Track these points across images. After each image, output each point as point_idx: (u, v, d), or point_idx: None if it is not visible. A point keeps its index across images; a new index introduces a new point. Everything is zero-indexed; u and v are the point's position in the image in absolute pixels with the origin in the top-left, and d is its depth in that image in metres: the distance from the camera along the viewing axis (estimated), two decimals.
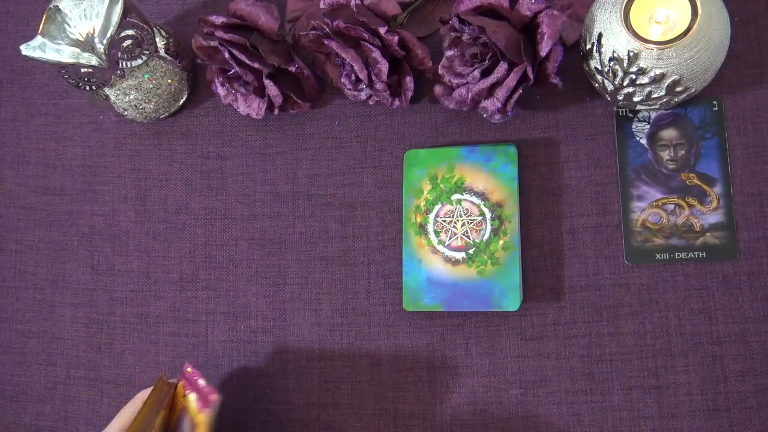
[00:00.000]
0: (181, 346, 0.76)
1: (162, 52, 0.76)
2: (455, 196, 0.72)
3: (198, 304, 0.77)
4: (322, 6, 0.72)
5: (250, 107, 0.75)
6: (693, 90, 0.65)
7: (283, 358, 0.74)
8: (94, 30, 0.70)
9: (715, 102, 0.71)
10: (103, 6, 0.70)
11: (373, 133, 0.77)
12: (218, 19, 0.73)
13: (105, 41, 0.70)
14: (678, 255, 0.69)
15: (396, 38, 0.70)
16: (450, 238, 0.72)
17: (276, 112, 0.76)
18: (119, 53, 0.72)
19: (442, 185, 0.73)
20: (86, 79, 0.73)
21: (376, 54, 0.70)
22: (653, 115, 0.71)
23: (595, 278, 0.70)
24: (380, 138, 0.77)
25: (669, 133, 0.71)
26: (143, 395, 0.67)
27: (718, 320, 0.68)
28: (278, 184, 0.78)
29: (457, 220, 0.72)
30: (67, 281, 0.80)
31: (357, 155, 0.77)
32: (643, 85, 0.64)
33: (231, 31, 0.73)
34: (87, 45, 0.70)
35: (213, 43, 0.72)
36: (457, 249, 0.71)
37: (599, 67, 0.65)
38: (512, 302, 0.69)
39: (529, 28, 0.68)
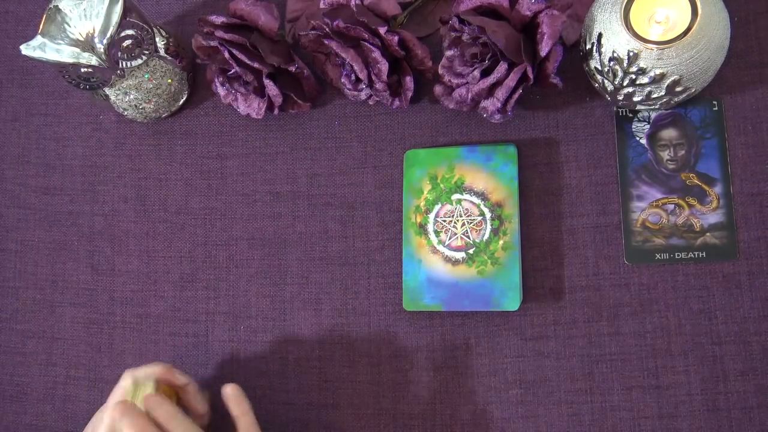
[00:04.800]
0: (181, 346, 0.76)
1: (162, 52, 0.76)
2: (455, 196, 0.72)
3: (198, 304, 0.77)
4: (322, 6, 0.72)
5: (250, 107, 0.75)
6: (693, 90, 0.65)
7: (283, 358, 0.74)
8: (94, 30, 0.70)
9: (715, 102, 0.71)
10: (103, 6, 0.70)
11: (373, 133, 0.77)
12: (218, 19, 0.73)
13: (105, 41, 0.70)
14: (678, 255, 0.69)
15: (396, 38, 0.70)
16: (450, 238, 0.72)
17: (276, 112, 0.76)
18: (119, 53, 0.72)
19: (442, 185, 0.73)
20: (86, 79, 0.73)
21: (376, 54, 0.70)
22: (653, 115, 0.71)
23: (595, 278, 0.70)
24: (380, 138, 0.77)
25: (669, 133, 0.71)
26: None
27: (718, 320, 0.68)
28: (278, 184, 0.78)
29: (457, 220, 0.72)
30: (67, 281, 0.80)
31: (357, 155, 0.77)
32: (643, 85, 0.64)
33: (231, 31, 0.73)
34: (87, 45, 0.70)
35: (213, 43, 0.72)
36: (457, 249, 0.71)
37: (599, 67, 0.65)
38: (512, 302, 0.69)
39: (529, 28, 0.68)
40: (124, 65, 0.73)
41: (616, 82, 0.65)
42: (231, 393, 0.66)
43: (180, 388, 0.67)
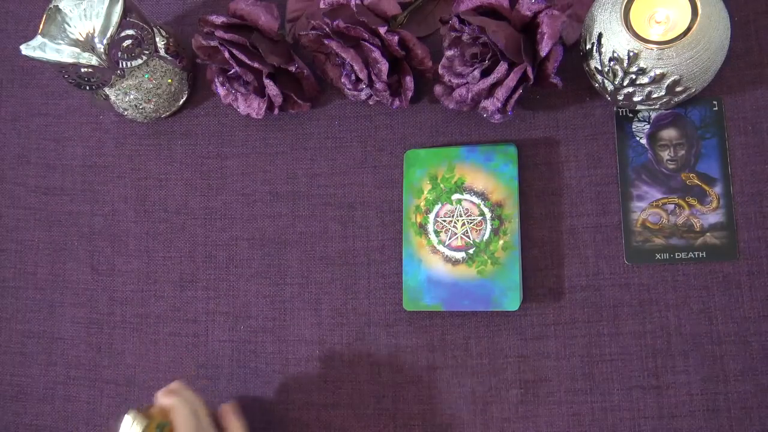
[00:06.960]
0: (181, 346, 0.76)
1: (162, 52, 0.76)
2: (455, 196, 0.72)
3: (198, 304, 0.77)
4: (322, 6, 0.72)
5: (250, 107, 0.75)
6: (693, 90, 0.65)
7: (283, 358, 0.74)
8: (94, 30, 0.70)
9: (715, 102, 0.71)
10: (103, 6, 0.70)
11: (373, 133, 0.77)
12: (218, 19, 0.73)
13: (105, 41, 0.70)
14: (678, 255, 0.69)
15: (396, 38, 0.70)
16: (450, 238, 0.72)
17: (276, 112, 0.76)
18: (119, 53, 0.72)
19: (442, 185, 0.73)
20: (86, 79, 0.73)
21: (376, 54, 0.70)
22: (653, 115, 0.71)
23: (595, 278, 0.70)
24: (380, 138, 0.77)
25: (669, 133, 0.71)
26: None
27: (718, 320, 0.68)
28: (278, 184, 0.78)
29: (457, 220, 0.72)
30: (67, 281, 0.80)
31: (357, 155, 0.77)
32: (643, 85, 0.64)
33: (231, 31, 0.73)
34: (87, 45, 0.70)
35: (213, 43, 0.72)
36: (457, 249, 0.71)
37: (599, 67, 0.65)
38: (512, 302, 0.69)
39: (529, 28, 0.68)
40: (124, 65, 0.73)
41: (617, 82, 0.65)
42: (228, 409, 0.69)
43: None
